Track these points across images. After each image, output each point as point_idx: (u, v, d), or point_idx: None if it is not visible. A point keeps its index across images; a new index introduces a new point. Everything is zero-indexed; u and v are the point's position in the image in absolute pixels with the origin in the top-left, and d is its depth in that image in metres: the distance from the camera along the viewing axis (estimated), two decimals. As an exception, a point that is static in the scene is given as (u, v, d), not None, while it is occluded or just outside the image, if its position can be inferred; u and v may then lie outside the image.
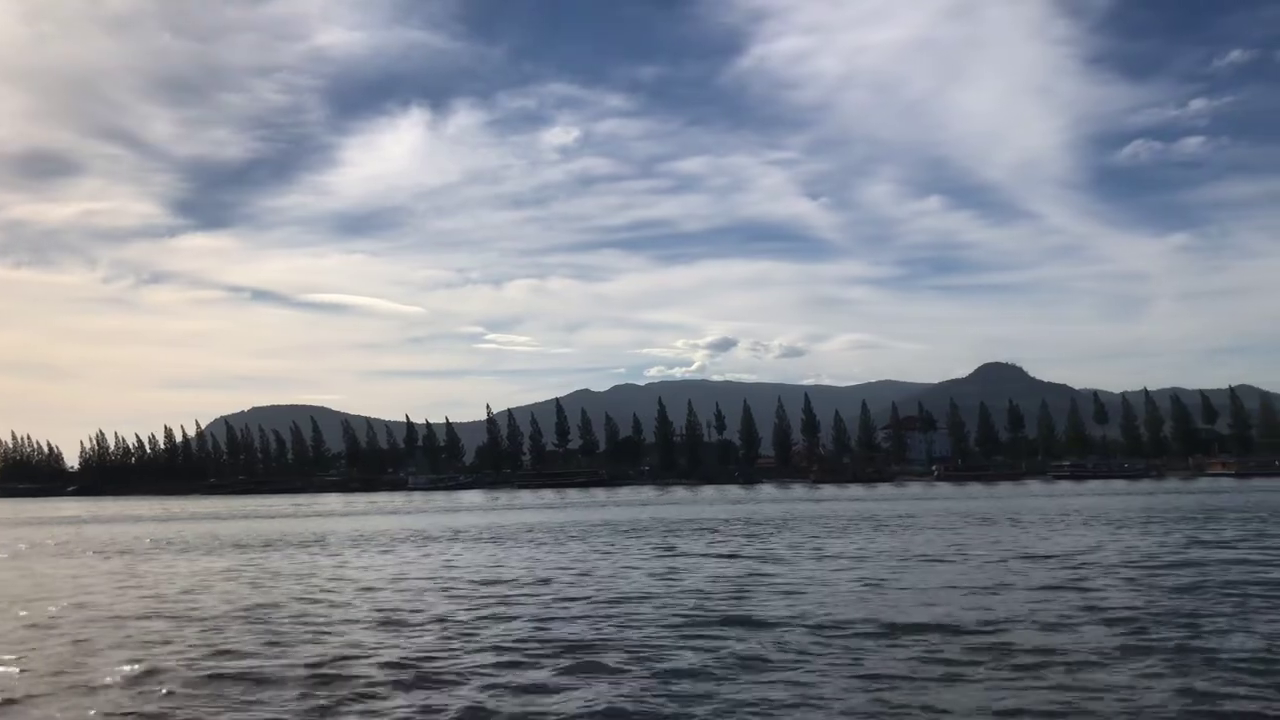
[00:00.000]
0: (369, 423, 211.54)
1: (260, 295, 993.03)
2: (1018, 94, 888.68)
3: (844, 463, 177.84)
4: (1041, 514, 50.91)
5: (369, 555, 34.58)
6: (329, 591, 23.43)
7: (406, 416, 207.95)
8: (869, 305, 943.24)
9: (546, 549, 35.30)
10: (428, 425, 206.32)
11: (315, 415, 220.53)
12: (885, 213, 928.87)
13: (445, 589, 23.38)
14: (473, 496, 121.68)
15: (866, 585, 22.17)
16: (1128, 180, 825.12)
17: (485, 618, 18.54)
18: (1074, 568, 24.45)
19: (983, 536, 36.03)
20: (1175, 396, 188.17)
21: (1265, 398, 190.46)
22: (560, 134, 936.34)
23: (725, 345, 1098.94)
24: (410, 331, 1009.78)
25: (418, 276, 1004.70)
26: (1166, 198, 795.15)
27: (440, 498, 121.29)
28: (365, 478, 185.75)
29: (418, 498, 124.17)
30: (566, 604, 20.19)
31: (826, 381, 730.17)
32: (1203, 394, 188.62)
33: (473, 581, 24.77)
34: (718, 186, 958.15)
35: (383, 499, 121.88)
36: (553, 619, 18.25)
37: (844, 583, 22.72)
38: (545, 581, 24.41)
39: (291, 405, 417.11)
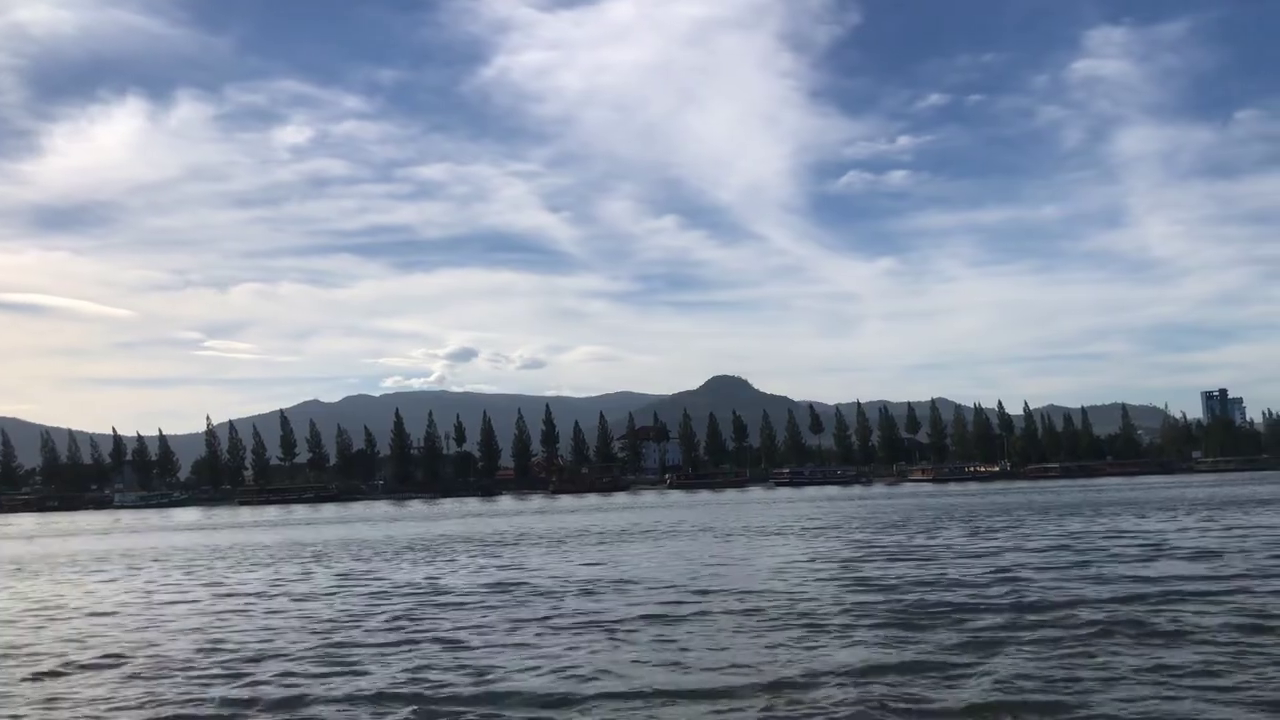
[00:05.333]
0: (70, 435, 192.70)
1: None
2: (746, 121, 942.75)
3: (582, 473, 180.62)
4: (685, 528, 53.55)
5: None
6: None
7: (114, 428, 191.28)
8: (608, 318, 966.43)
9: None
10: (138, 438, 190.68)
11: (5, 427, 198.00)
12: (624, 229, 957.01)
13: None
14: (187, 514, 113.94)
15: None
16: (843, 207, 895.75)
17: None
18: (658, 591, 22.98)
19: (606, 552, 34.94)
20: (883, 408, 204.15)
21: (959, 410, 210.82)
22: (293, 133, 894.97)
23: (465, 356, 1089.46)
24: (119, 336, 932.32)
25: (128, 277, 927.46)
26: (876, 225, 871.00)
27: (152, 516, 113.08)
28: (64, 495, 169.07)
29: (125, 516, 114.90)
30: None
31: (566, 393, 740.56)
32: (909, 405, 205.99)
33: None
34: (459, 195, 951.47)
35: (83, 518, 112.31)
36: None
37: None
38: None
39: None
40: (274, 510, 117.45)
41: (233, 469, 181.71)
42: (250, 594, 25.85)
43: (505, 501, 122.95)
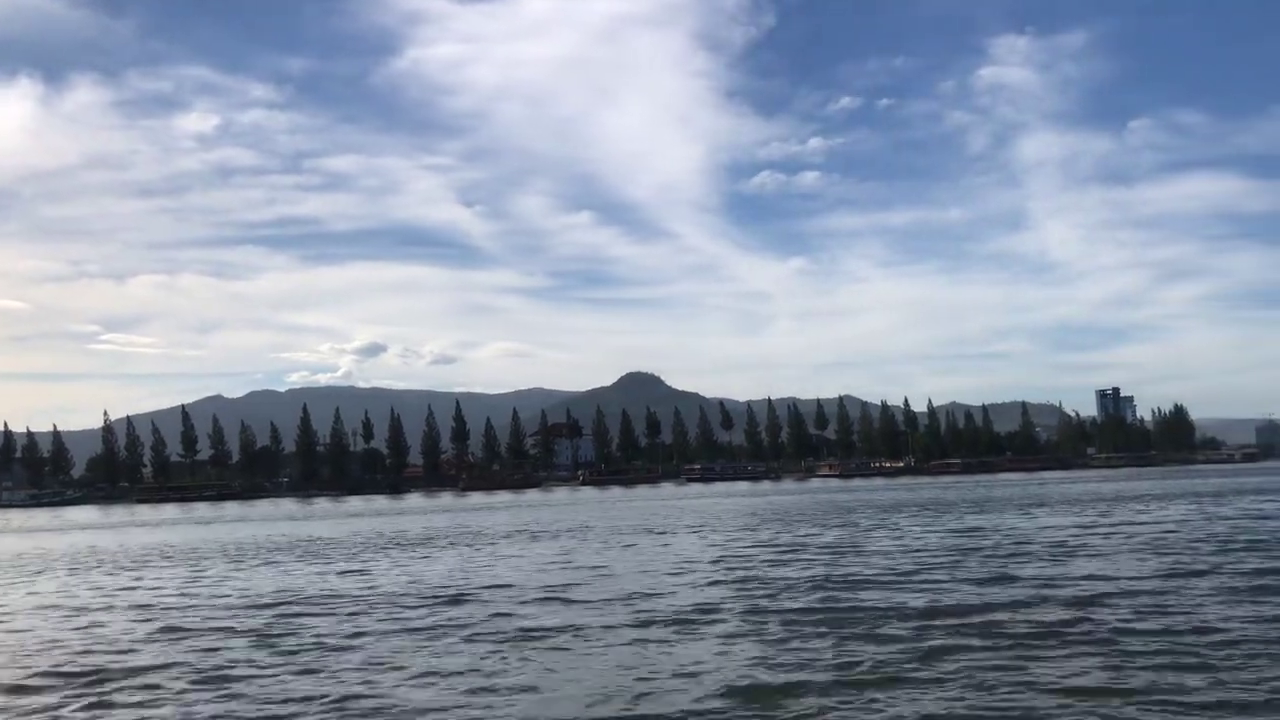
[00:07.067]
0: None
1: None
2: (661, 120, 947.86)
3: (494, 470, 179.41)
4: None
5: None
6: None
7: (4, 424, 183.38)
8: (521, 314, 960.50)
9: None
10: (29, 434, 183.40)
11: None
12: (537, 224, 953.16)
13: None
14: (81, 513, 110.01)
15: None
16: (756, 207, 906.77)
17: None
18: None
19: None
20: (793, 405, 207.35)
21: (865, 407, 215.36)
22: (197, 121, 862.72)
23: (374, 351, 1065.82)
24: (10, 329, 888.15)
25: (21, 268, 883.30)
26: (788, 225, 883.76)
27: (42, 515, 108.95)
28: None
29: (14, 515, 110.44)
30: None
31: (478, 389, 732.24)
32: (818, 403, 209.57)
33: None
34: (369, 187, 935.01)
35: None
36: None
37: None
38: None
39: None
40: (173, 508, 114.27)
41: (131, 466, 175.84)
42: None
43: (414, 499, 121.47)
